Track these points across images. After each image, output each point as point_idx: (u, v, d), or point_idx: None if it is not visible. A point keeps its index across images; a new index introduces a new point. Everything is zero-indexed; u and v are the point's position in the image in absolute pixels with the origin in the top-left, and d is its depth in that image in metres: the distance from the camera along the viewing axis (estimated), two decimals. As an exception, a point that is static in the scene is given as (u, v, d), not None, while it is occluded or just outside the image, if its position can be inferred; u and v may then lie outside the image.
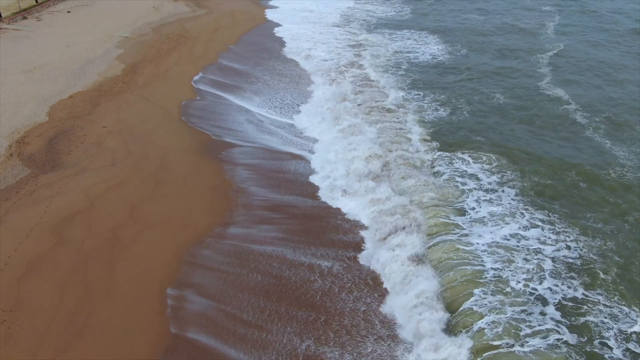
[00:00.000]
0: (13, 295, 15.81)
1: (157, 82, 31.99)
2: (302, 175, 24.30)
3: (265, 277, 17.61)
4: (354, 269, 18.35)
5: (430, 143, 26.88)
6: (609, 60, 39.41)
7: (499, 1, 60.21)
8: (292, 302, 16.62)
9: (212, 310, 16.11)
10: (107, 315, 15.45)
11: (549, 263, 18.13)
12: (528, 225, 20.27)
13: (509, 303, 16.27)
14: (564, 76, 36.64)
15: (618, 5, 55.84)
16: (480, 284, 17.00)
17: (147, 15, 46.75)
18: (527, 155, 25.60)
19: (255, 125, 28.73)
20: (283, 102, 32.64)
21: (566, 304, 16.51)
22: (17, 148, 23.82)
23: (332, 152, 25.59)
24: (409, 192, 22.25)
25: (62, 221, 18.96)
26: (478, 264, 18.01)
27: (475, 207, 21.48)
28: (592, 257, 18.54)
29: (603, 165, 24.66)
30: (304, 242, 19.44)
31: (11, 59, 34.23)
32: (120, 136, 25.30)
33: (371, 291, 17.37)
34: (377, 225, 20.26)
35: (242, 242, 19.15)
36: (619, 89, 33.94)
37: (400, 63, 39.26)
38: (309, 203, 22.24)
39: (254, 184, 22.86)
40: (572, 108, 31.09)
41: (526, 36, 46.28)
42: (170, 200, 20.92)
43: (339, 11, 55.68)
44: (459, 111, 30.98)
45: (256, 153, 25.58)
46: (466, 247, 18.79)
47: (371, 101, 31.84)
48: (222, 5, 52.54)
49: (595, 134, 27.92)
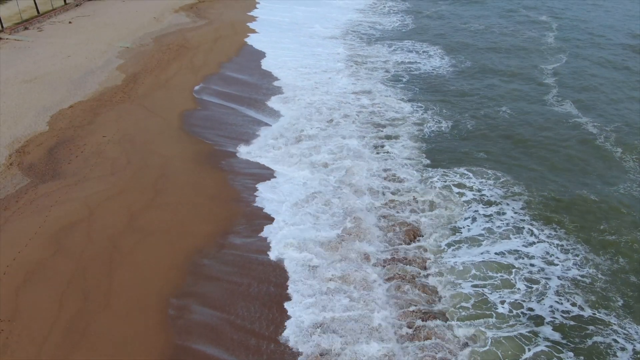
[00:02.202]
0: (11, 305, 15.68)
1: (157, 92, 32.04)
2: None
3: (270, 286, 17.52)
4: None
5: (434, 157, 26.49)
6: (613, 72, 39.31)
7: (496, 12, 60.46)
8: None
9: (216, 321, 15.97)
10: (106, 326, 15.30)
11: (555, 281, 17.99)
12: (534, 241, 20.04)
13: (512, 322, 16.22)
14: (570, 89, 36.22)
15: (612, 22, 56.13)
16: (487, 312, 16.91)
17: (148, 25, 46.98)
18: (533, 172, 25.27)
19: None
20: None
21: (574, 324, 16.44)
22: (17, 157, 23.80)
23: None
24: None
25: (62, 230, 18.88)
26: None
27: (474, 223, 21.25)
28: (601, 277, 18.41)
29: (613, 181, 24.51)
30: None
31: (12, 69, 34.33)
32: (120, 145, 25.30)
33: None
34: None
35: (244, 251, 19.07)
36: (626, 100, 33.80)
37: (401, 75, 39.16)
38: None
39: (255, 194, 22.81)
40: (581, 122, 30.72)
41: (527, 46, 46.21)
42: (170, 210, 20.84)
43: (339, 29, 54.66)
44: (463, 125, 30.48)
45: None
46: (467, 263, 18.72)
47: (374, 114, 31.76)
48: (223, 15, 52.78)
49: (604, 147, 27.62)
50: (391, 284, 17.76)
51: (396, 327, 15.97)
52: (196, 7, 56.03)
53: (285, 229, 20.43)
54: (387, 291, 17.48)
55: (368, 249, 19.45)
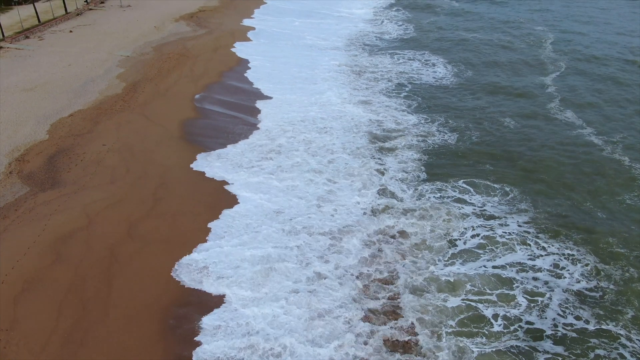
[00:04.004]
0: (9, 314, 15.59)
1: (157, 101, 32.11)
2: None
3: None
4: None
5: (433, 170, 26.26)
6: (613, 79, 39.41)
7: (493, 22, 60.77)
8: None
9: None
10: (104, 335, 15.21)
11: (559, 294, 17.89)
12: (541, 253, 19.90)
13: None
14: (572, 97, 36.16)
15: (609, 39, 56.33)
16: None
17: (149, 34, 47.22)
18: (541, 183, 25.05)
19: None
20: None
21: (582, 337, 16.31)
22: (16, 166, 23.79)
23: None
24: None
25: (60, 239, 18.82)
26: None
27: (474, 235, 21.08)
28: (612, 288, 18.27)
29: (622, 189, 24.48)
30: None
31: (13, 78, 34.45)
32: (120, 154, 25.30)
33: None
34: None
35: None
36: (628, 110, 33.81)
37: (404, 85, 38.98)
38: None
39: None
40: (586, 132, 30.65)
41: (526, 57, 46.38)
42: (169, 218, 20.80)
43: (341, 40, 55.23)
44: (467, 136, 30.14)
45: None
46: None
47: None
48: (223, 25, 53.07)
49: (613, 156, 27.54)
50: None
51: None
52: (197, 16, 56.34)
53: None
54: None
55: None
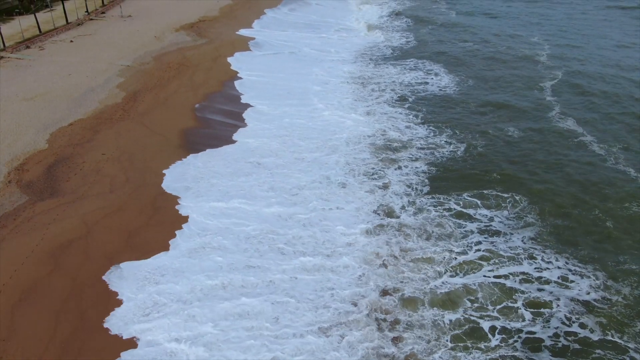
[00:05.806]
0: (6, 323, 15.55)
1: (157, 110, 32.21)
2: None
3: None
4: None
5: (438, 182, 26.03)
6: (610, 88, 39.44)
7: (490, 30, 61.03)
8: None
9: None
10: (102, 345, 15.15)
11: (563, 303, 17.86)
12: (545, 266, 19.85)
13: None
14: (572, 106, 36.17)
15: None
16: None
17: (149, 44, 47.41)
18: (546, 194, 24.89)
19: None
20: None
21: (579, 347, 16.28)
22: (15, 175, 23.79)
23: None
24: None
25: (59, 248, 18.81)
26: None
27: (478, 245, 21.04)
28: (621, 300, 18.20)
29: (627, 198, 24.45)
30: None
31: (13, 87, 34.56)
32: (119, 163, 25.33)
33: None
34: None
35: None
36: (629, 116, 33.96)
37: (407, 95, 38.82)
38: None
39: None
40: (587, 140, 30.63)
41: (525, 66, 46.49)
42: (169, 228, 20.79)
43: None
44: (473, 147, 29.83)
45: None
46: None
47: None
48: (223, 34, 53.32)
49: (616, 166, 27.43)
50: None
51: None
52: (197, 26, 56.63)
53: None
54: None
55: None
